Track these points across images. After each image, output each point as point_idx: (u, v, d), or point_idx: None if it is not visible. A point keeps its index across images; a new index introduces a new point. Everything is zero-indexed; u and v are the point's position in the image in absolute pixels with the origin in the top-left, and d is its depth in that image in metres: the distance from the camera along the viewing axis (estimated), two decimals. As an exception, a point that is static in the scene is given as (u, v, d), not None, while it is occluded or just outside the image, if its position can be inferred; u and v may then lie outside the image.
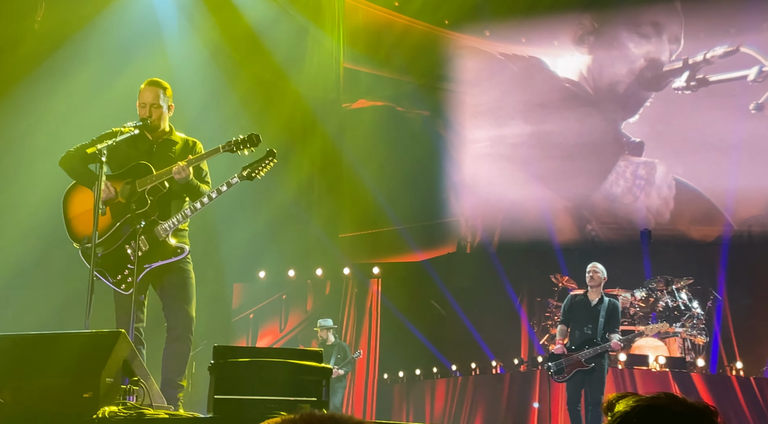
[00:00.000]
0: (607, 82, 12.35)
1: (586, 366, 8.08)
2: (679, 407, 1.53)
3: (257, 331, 13.82)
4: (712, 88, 11.15)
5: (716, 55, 10.93)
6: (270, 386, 4.35)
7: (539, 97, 13.84)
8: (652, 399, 1.57)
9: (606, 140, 12.75)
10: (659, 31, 11.62)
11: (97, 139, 5.52)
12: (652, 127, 12.11)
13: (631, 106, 12.21)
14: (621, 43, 12.07)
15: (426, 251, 14.08)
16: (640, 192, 12.50)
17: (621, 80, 12.10)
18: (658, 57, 11.63)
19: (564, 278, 11.93)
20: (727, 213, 12.39)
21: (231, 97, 12.01)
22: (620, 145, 12.70)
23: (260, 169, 5.53)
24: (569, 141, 13.26)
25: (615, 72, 12.18)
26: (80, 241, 5.56)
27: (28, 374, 4.46)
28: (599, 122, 12.72)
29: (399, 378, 13.50)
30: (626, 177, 12.34)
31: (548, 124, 13.81)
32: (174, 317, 5.63)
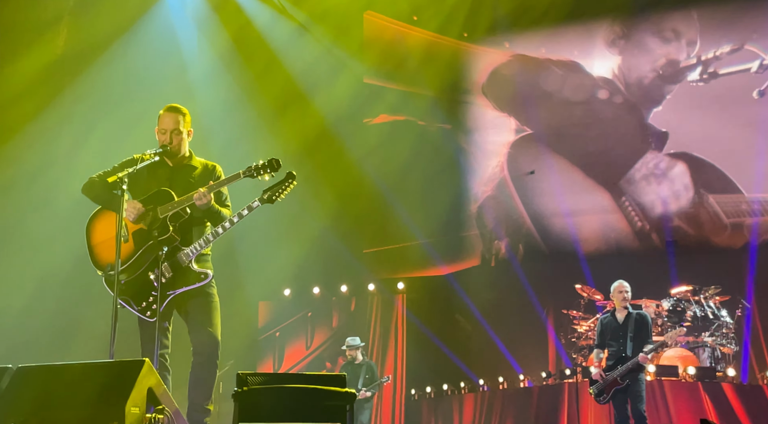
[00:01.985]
0: (634, 78, 13.41)
1: (621, 384, 8.13)
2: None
3: (284, 349, 13.84)
4: (721, 80, 12.74)
5: (724, 52, 12.57)
6: (294, 411, 4.35)
7: (563, 99, 13.91)
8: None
9: (634, 131, 13.31)
10: (678, 36, 13.02)
11: (118, 167, 5.57)
12: (674, 116, 13.14)
13: (656, 97, 13.27)
14: (646, 45, 13.26)
15: (450, 265, 14.04)
16: (661, 176, 13.10)
17: (646, 76, 13.28)
18: (676, 57, 13.01)
19: (590, 290, 11.84)
20: (753, 220, 12.35)
21: (251, 115, 12.07)
22: (647, 135, 13.22)
23: (280, 192, 5.55)
24: (596, 140, 13.49)
25: (641, 69, 13.34)
26: (103, 268, 5.58)
27: (54, 405, 4.48)
28: (628, 115, 13.42)
29: (426, 394, 13.45)
30: (649, 167, 13.23)
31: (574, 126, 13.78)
32: (200, 341, 5.63)
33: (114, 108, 10.06)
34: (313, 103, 13.18)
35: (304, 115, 13.08)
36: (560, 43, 14.17)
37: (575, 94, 13.79)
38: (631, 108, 13.42)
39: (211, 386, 5.68)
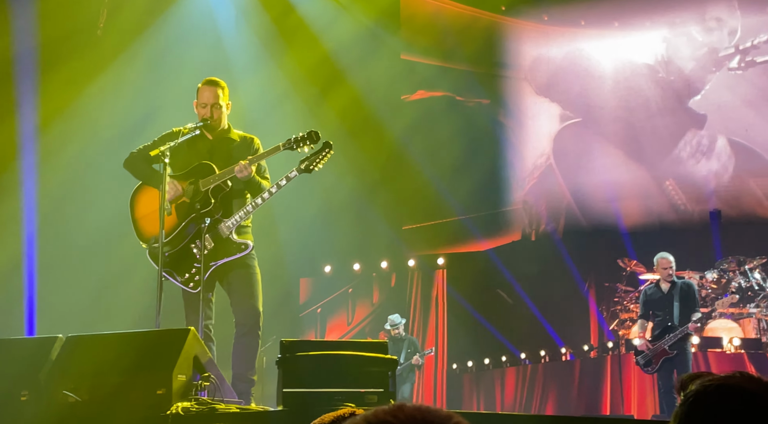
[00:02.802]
0: (676, 65, 13.51)
1: (670, 353, 8.10)
2: (754, 386, 1.49)
3: (325, 325, 13.95)
4: (759, 68, 13.00)
5: (762, 41, 12.86)
6: (336, 378, 4.41)
7: (605, 80, 13.81)
8: (726, 378, 1.53)
9: (675, 115, 13.30)
10: (721, 26, 13.20)
11: (158, 140, 5.64)
12: (714, 102, 13.21)
13: (696, 85, 13.32)
14: (690, 34, 13.42)
15: (490, 240, 14.01)
16: (702, 156, 13.18)
17: (687, 64, 13.42)
18: (718, 46, 13.20)
19: (632, 262, 11.74)
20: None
21: (289, 91, 12.11)
22: (687, 118, 13.24)
23: (318, 161, 5.58)
24: (637, 118, 13.45)
25: (682, 57, 13.45)
26: (147, 241, 5.69)
27: (103, 372, 4.59)
28: (670, 100, 13.45)
29: (468, 368, 13.49)
30: (692, 144, 13.30)
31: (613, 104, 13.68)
32: (242, 312, 5.71)
33: (154, 85, 10.16)
34: (351, 80, 13.17)
35: (342, 92, 13.08)
36: (599, 15, 14.00)
37: (619, 79, 13.71)
38: (672, 93, 13.38)
39: (254, 356, 5.76)
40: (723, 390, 1.50)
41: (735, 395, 1.48)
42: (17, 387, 4.61)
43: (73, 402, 4.43)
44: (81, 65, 9.73)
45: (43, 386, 4.58)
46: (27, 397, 4.59)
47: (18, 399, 4.58)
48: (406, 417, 1.11)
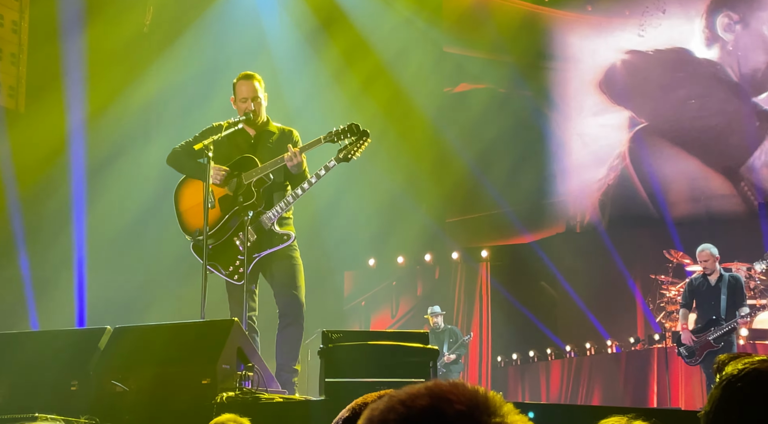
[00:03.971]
0: (748, 66, 13.19)
1: (716, 346, 7.96)
2: None
3: (369, 318, 14.00)
4: None
5: None
6: (378, 368, 4.44)
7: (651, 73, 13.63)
8: (761, 362, 1.53)
9: (748, 118, 13.05)
10: None
11: (200, 135, 5.71)
12: None
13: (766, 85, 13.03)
14: (762, 34, 13.02)
15: (534, 233, 13.94)
16: None
17: (759, 66, 13.03)
18: None
19: (678, 254, 11.60)
20: None
21: (331, 85, 12.17)
22: (761, 120, 12.99)
23: (356, 150, 5.59)
24: (711, 128, 13.20)
25: (754, 59, 13.07)
26: (191, 234, 5.76)
27: (149, 362, 4.68)
28: (741, 102, 13.20)
29: (513, 361, 13.45)
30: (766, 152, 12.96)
31: (688, 114, 13.47)
32: (285, 303, 5.76)
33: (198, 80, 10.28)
34: (393, 73, 13.19)
35: (385, 85, 13.10)
36: (644, 5, 13.83)
37: (687, 82, 13.50)
38: (743, 95, 13.15)
39: (298, 347, 5.81)
40: (757, 374, 1.49)
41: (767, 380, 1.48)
42: (67, 377, 4.72)
43: (120, 391, 4.52)
44: (128, 62, 9.89)
45: (91, 376, 4.68)
46: (76, 387, 4.70)
47: (68, 389, 4.69)
48: (469, 393, 1.13)
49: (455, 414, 1.10)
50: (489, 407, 1.12)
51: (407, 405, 1.12)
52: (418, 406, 1.11)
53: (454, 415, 1.10)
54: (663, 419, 1.95)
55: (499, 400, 1.15)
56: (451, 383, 1.16)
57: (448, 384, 1.15)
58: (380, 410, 1.14)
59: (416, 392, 1.14)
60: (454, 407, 1.10)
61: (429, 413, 1.11)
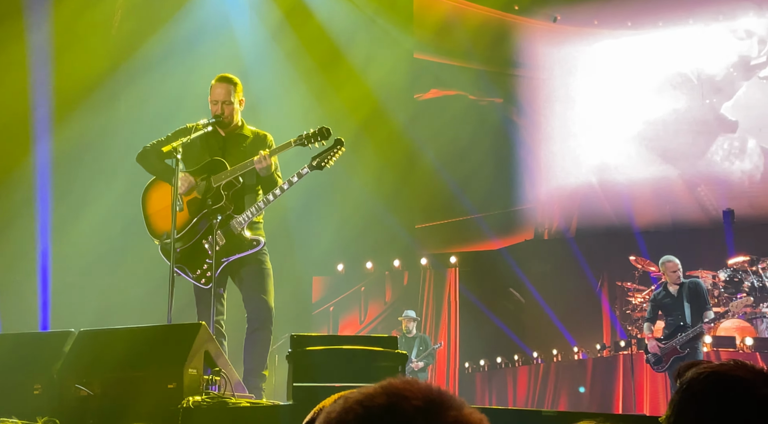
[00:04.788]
0: (707, 73, 13.57)
1: (681, 353, 8.08)
2: (745, 373, 1.52)
3: (337, 323, 13.97)
4: None
5: None
6: (346, 372, 4.42)
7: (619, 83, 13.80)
8: (719, 366, 1.56)
9: (707, 122, 13.38)
10: (750, 35, 13.26)
11: (171, 136, 5.67)
12: (745, 108, 13.25)
13: (727, 92, 13.40)
14: (721, 42, 13.40)
15: (503, 239, 14.01)
16: (735, 159, 13.23)
17: (718, 72, 13.43)
18: (748, 54, 13.22)
19: (644, 261, 11.72)
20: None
21: (302, 90, 12.14)
22: (719, 124, 13.30)
23: (329, 158, 5.59)
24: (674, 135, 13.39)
25: (714, 65, 13.48)
26: (159, 237, 5.72)
27: (114, 366, 4.62)
28: (702, 108, 13.53)
29: (480, 367, 13.48)
30: (724, 148, 13.35)
31: (626, 105, 13.67)
32: (254, 308, 5.73)
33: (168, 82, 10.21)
34: (364, 79, 13.19)
35: (355, 91, 13.10)
36: (613, 15, 13.98)
37: (657, 96, 13.70)
38: (704, 102, 13.42)
39: (266, 351, 5.78)
40: (716, 377, 1.52)
41: (726, 382, 1.50)
42: (30, 381, 4.65)
43: (85, 396, 4.46)
44: (95, 64, 9.79)
45: (55, 380, 4.62)
46: (40, 390, 4.63)
47: (31, 392, 4.62)
48: (423, 389, 1.15)
49: (413, 410, 1.11)
50: (444, 402, 1.13)
51: (365, 405, 1.13)
52: (376, 405, 1.12)
53: (413, 411, 1.11)
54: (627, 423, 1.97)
55: (452, 395, 1.16)
56: (404, 380, 1.17)
57: (401, 382, 1.17)
58: (337, 412, 1.15)
59: (372, 392, 1.15)
60: (411, 403, 1.12)
61: (387, 411, 1.11)
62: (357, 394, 1.16)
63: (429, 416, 1.11)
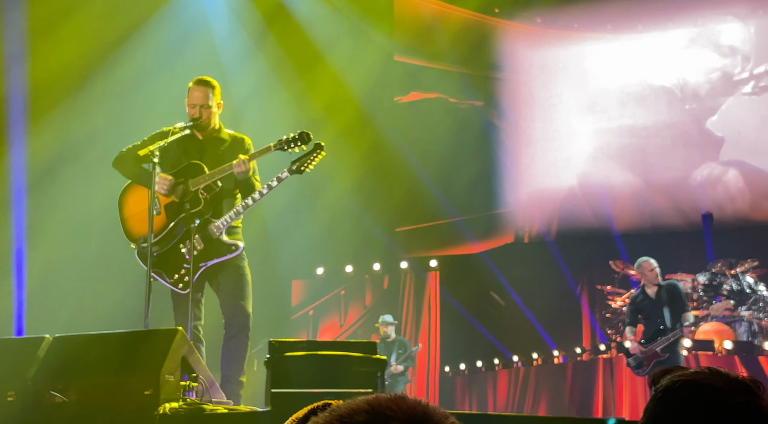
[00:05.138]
0: (691, 88, 13.60)
1: (662, 356, 8.10)
2: (720, 382, 1.51)
3: (317, 327, 13.93)
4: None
5: None
6: (325, 378, 4.39)
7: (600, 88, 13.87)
8: (694, 374, 1.56)
9: (693, 139, 13.45)
10: (734, 52, 13.35)
11: (148, 140, 5.62)
12: (729, 125, 13.31)
13: (712, 107, 13.48)
14: (704, 58, 13.48)
15: (483, 242, 14.00)
16: (714, 188, 13.24)
17: (702, 86, 13.50)
18: (731, 70, 13.31)
19: (624, 265, 11.76)
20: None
21: (281, 92, 12.10)
22: (705, 142, 13.37)
23: (309, 162, 5.56)
24: (657, 151, 13.49)
25: (698, 80, 13.54)
26: (136, 241, 5.65)
27: (91, 373, 4.56)
28: (688, 124, 13.58)
29: (460, 371, 13.47)
30: (703, 174, 13.35)
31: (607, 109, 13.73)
32: (231, 313, 5.68)
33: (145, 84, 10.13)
34: (343, 81, 13.16)
35: (334, 92, 13.07)
36: (593, 18, 14.04)
37: (637, 104, 13.77)
38: (689, 117, 13.51)
39: (244, 358, 5.73)
40: (689, 386, 1.52)
41: (701, 391, 1.50)
42: (4, 387, 4.58)
43: (59, 402, 4.40)
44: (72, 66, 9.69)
45: (29, 387, 4.55)
46: (13, 397, 4.56)
47: (5, 399, 4.55)
48: (408, 408, 1.13)
49: None
50: (427, 421, 1.12)
51: (345, 421, 1.11)
52: (356, 421, 1.11)
53: None
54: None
55: (440, 413, 1.15)
56: (392, 397, 1.16)
57: (387, 398, 1.16)
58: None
59: (356, 407, 1.14)
60: (391, 422, 1.10)
61: None
62: (342, 408, 1.15)
63: None
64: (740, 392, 1.48)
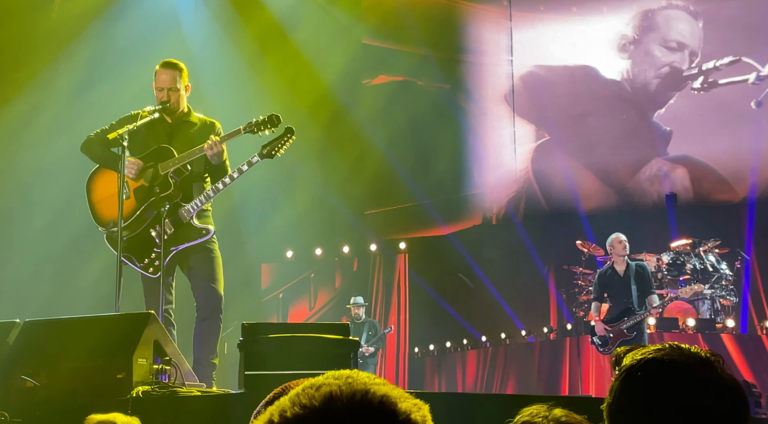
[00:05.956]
0: (640, 82, 13.84)
1: (629, 335, 8.22)
2: (681, 358, 1.55)
3: (287, 310, 13.94)
4: (721, 89, 13.41)
5: (724, 63, 13.27)
6: (298, 360, 4.41)
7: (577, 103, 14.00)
8: (656, 351, 1.59)
9: (641, 132, 13.67)
10: (683, 47, 13.59)
11: (116, 124, 5.58)
12: (677, 118, 13.58)
13: (660, 101, 13.70)
14: (652, 53, 13.76)
15: (451, 225, 14.09)
16: (661, 183, 13.52)
17: (651, 81, 13.74)
18: (680, 66, 13.56)
19: (590, 245, 11.90)
20: (752, 174, 12.44)
21: (250, 77, 12.03)
22: (652, 136, 13.61)
23: (279, 146, 5.56)
24: (607, 142, 13.64)
25: (647, 75, 13.80)
26: (105, 225, 5.62)
27: (62, 357, 4.54)
28: (636, 117, 13.82)
29: (430, 351, 13.58)
30: (653, 170, 13.63)
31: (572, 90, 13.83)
32: (203, 296, 5.68)
33: (112, 69, 10.03)
34: (312, 65, 13.12)
35: (303, 76, 13.02)
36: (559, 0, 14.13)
37: (589, 97, 13.86)
38: (638, 110, 13.70)
39: (216, 340, 5.74)
40: (651, 363, 1.55)
41: (663, 368, 1.54)
42: (-26, 373, 4.55)
43: (31, 387, 4.39)
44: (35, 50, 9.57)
45: (0, 371, 4.53)
46: (-16, 382, 4.54)
47: (-25, 384, 4.53)
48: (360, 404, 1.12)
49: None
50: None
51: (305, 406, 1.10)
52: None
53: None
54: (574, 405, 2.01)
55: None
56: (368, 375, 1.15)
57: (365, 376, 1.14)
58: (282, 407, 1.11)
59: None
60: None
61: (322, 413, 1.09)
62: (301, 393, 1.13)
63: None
64: (701, 366, 1.52)
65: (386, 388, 1.14)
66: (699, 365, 1.53)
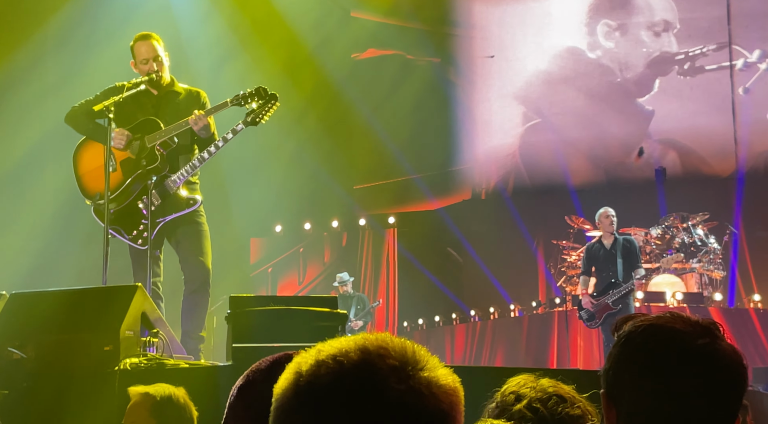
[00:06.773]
0: (627, 66, 13.83)
1: (614, 308, 8.24)
2: (682, 325, 1.55)
3: (276, 285, 13.94)
4: (706, 75, 13.46)
5: (710, 49, 13.29)
6: (286, 333, 4.40)
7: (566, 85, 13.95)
8: (656, 318, 1.59)
9: (627, 115, 13.68)
10: (668, 30, 13.56)
11: (101, 95, 5.52)
12: (662, 104, 13.58)
13: (646, 85, 13.69)
14: (640, 37, 13.71)
15: (441, 199, 14.08)
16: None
17: (637, 65, 13.71)
18: (667, 50, 13.53)
19: (579, 220, 11.92)
20: (741, 147, 12.47)
21: (238, 50, 11.95)
22: (637, 115, 13.64)
23: (264, 113, 5.51)
24: (595, 124, 13.66)
25: (634, 60, 13.77)
26: (92, 197, 5.59)
27: (49, 329, 4.53)
28: (623, 100, 13.80)
29: (418, 325, 13.62)
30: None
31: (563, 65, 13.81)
32: (191, 269, 5.67)
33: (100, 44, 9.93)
34: (301, 38, 13.03)
35: (292, 49, 12.94)
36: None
37: (578, 80, 13.82)
38: (624, 93, 13.69)
39: (204, 313, 5.74)
40: (652, 329, 1.55)
41: (663, 334, 1.54)
42: (-39, 345, 4.53)
43: (18, 359, 4.37)
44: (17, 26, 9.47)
45: (-13, 344, 4.51)
46: (-29, 355, 4.52)
47: (-38, 357, 4.51)
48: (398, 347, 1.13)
49: (388, 369, 1.09)
50: (419, 361, 1.12)
51: (338, 360, 1.10)
52: (351, 360, 1.10)
53: (388, 370, 1.09)
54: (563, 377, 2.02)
55: (426, 353, 1.15)
56: (379, 337, 1.15)
57: (376, 338, 1.14)
58: (309, 365, 1.11)
59: (347, 347, 1.12)
60: (386, 361, 1.10)
61: (361, 368, 1.09)
62: (331, 348, 1.13)
63: (403, 375, 1.10)
64: (700, 334, 1.53)
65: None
66: (699, 332, 1.53)
